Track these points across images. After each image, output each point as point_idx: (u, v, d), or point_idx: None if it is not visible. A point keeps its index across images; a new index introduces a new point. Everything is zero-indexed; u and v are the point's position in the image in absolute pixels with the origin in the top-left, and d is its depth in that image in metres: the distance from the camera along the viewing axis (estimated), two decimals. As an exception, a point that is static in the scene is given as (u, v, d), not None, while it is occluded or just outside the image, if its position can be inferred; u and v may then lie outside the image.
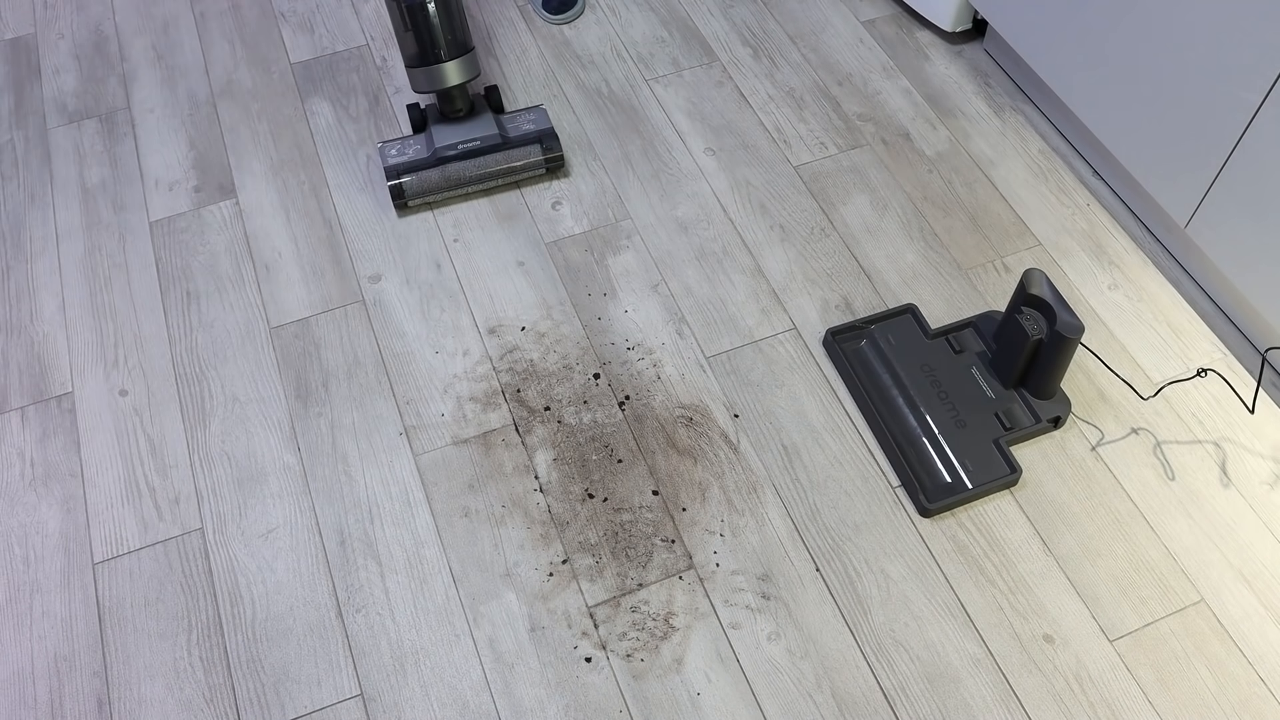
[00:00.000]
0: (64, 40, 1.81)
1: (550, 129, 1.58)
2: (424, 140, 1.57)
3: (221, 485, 1.29)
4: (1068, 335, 1.22)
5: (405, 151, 1.55)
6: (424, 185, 1.52)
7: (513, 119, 1.60)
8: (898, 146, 1.64)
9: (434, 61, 1.50)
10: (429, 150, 1.55)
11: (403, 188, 1.51)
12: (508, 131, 1.58)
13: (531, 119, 1.60)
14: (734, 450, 1.31)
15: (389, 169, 1.53)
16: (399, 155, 1.55)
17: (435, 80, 1.52)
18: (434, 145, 1.55)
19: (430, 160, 1.54)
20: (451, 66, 1.51)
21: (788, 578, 1.22)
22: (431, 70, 1.51)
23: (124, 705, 1.14)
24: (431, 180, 1.52)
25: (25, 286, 1.48)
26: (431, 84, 1.52)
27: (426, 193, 1.53)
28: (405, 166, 1.53)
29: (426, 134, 1.58)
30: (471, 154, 1.54)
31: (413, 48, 1.50)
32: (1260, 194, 1.27)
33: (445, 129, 1.57)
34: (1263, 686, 1.14)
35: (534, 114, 1.61)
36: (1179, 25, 1.30)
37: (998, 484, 1.26)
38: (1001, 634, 1.18)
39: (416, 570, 1.22)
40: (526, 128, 1.59)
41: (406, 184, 1.51)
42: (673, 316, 1.44)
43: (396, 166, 1.53)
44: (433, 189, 1.53)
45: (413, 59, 1.51)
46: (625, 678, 1.15)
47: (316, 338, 1.42)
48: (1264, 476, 1.29)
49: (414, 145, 1.56)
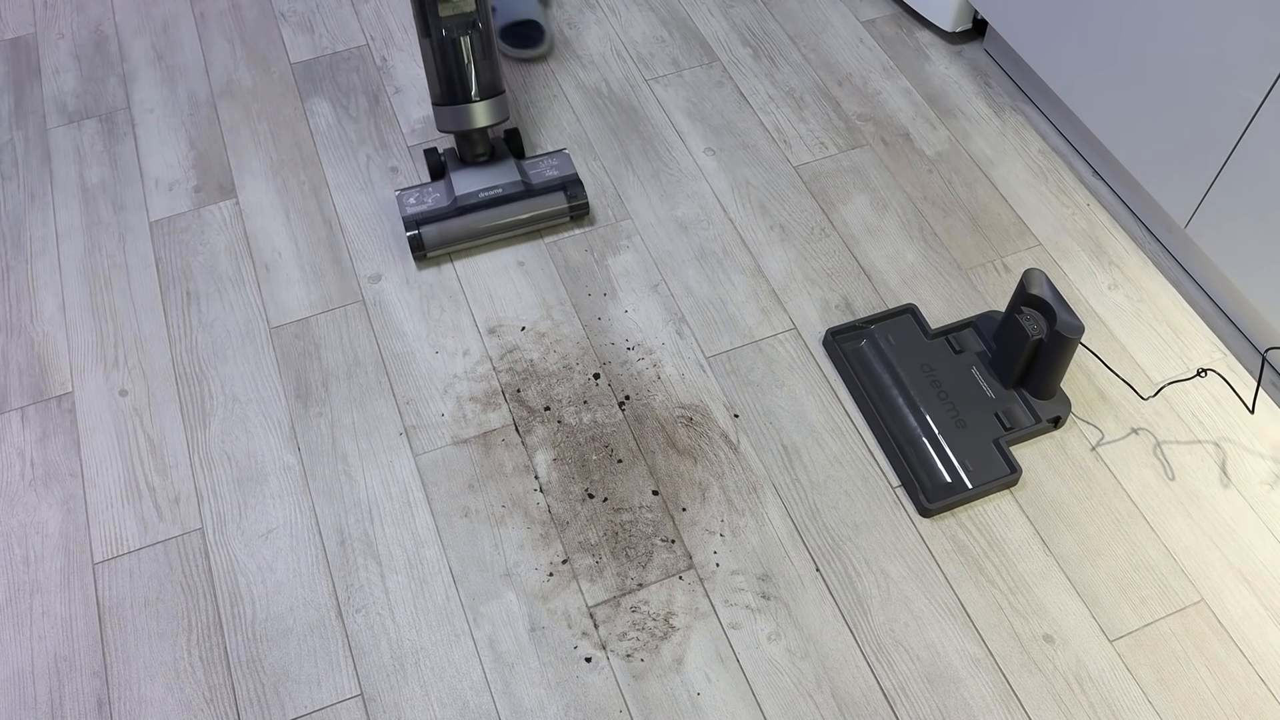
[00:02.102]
0: (64, 40, 1.81)
1: (574, 175, 1.52)
2: (443, 187, 1.51)
3: (221, 485, 1.29)
4: (1068, 335, 1.22)
5: (424, 200, 1.49)
6: (444, 236, 1.46)
7: (535, 164, 1.54)
8: (898, 146, 1.64)
9: (463, 101, 1.44)
10: (449, 198, 1.49)
11: (422, 239, 1.45)
12: (530, 178, 1.52)
13: (555, 164, 1.54)
14: (734, 450, 1.32)
15: (407, 219, 1.46)
16: (418, 204, 1.48)
17: (462, 121, 1.45)
18: (454, 193, 1.49)
19: (451, 209, 1.47)
20: (481, 108, 1.45)
21: (788, 578, 1.22)
22: (459, 110, 1.44)
23: (124, 705, 1.14)
24: (452, 231, 1.46)
25: (25, 286, 1.48)
26: (458, 124, 1.46)
27: (447, 244, 1.46)
28: (424, 216, 1.46)
29: (445, 180, 1.51)
30: (494, 202, 1.48)
31: (442, 85, 1.43)
32: (1260, 194, 1.27)
33: (466, 175, 1.50)
34: (1263, 686, 1.14)
35: (557, 159, 1.55)
36: (1179, 25, 1.30)
37: (998, 484, 1.26)
38: (1001, 634, 1.18)
39: (416, 570, 1.22)
40: (550, 174, 1.53)
41: (426, 234, 1.45)
42: (673, 316, 1.44)
43: (415, 216, 1.47)
44: (454, 239, 1.46)
45: (440, 97, 1.44)
46: (625, 678, 1.15)
47: (316, 338, 1.42)
48: (1264, 476, 1.29)
49: (433, 193, 1.50)
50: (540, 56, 1.76)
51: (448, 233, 1.46)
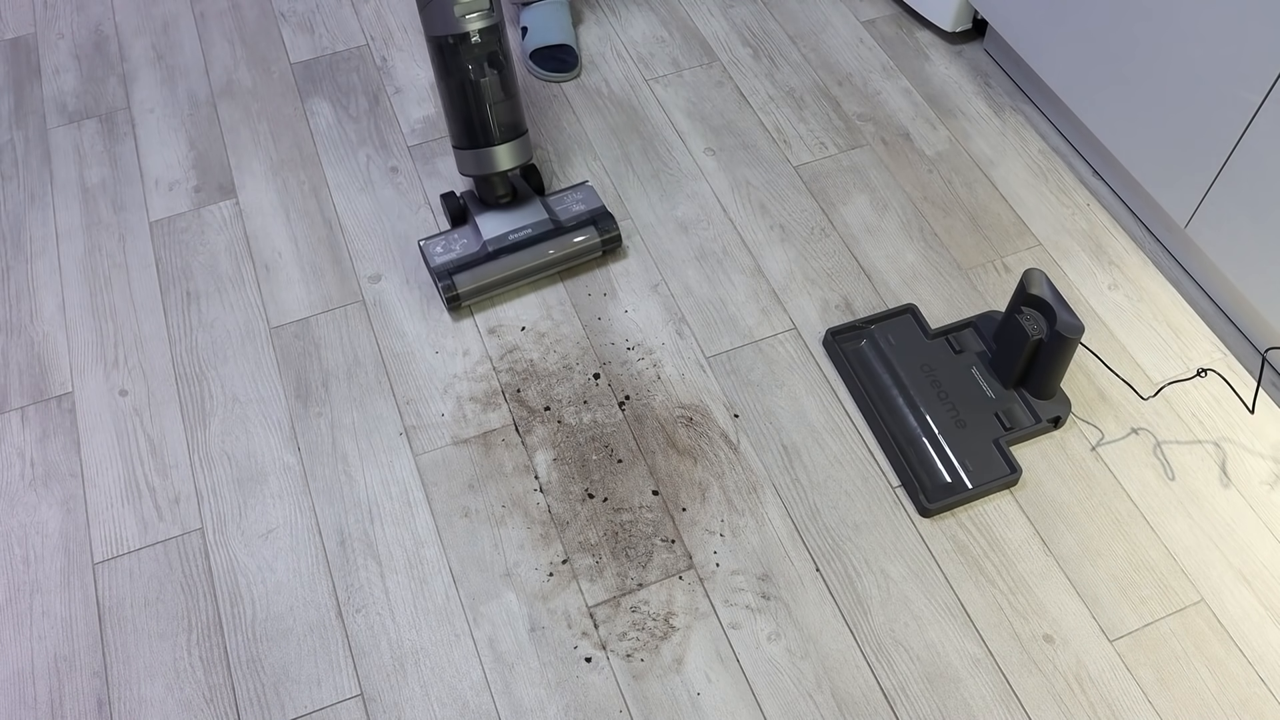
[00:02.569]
0: (64, 40, 1.81)
1: (603, 208, 1.48)
2: (469, 233, 1.45)
3: (221, 485, 1.29)
4: (1068, 335, 1.22)
5: (452, 247, 1.43)
6: (479, 282, 1.40)
7: (560, 200, 1.49)
8: (898, 146, 1.64)
9: (484, 144, 1.38)
10: (478, 244, 1.43)
11: (456, 289, 1.39)
12: (558, 215, 1.47)
13: (580, 198, 1.49)
14: (734, 450, 1.32)
15: (438, 270, 1.40)
16: (446, 253, 1.42)
17: (484, 165, 1.40)
18: (482, 238, 1.43)
19: (481, 255, 1.42)
20: (504, 151, 1.39)
21: (788, 578, 1.22)
22: (481, 154, 1.39)
23: (124, 705, 1.14)
24: (487, 276, 1.40)
25: (25, 286, 1.48)
26: (480, 168, 1.40)
27: (482, 291, 1.41)
28: (456, 264, 1.41)
29: (470, 225, 1.46)
30: (525, 244, 1.42)
31: (462, 128, 1.38)
32: (1260, 194, 1.27)
33: (491, 218, 1.45)
34: (1263, 686, 1.14)
35: (582, 192, 1.50)
36: (1179, 25, 1.30)
37: (998, 484, 1.26)
38: (1001, 634, 1.18)
39: (416, 570, 1.22)
40: (577, 209, 1.48)
41: (460, 283, 1.39)
42: (673, 316, 1.44)
43: (446, 266, 1.41)
44: (489, 286, 1.41)
45: (461, 139, 1.39)
46: (625, 678, 1.15)
47: (316, 338, 1.42)
48: (1264, 476, 1.29)
49: (460, 240, 1.44)
50: (571, 79, 1.75)
51: (482, 279, 1.40)
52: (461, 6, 1.29)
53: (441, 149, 1.63)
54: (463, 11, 1.29)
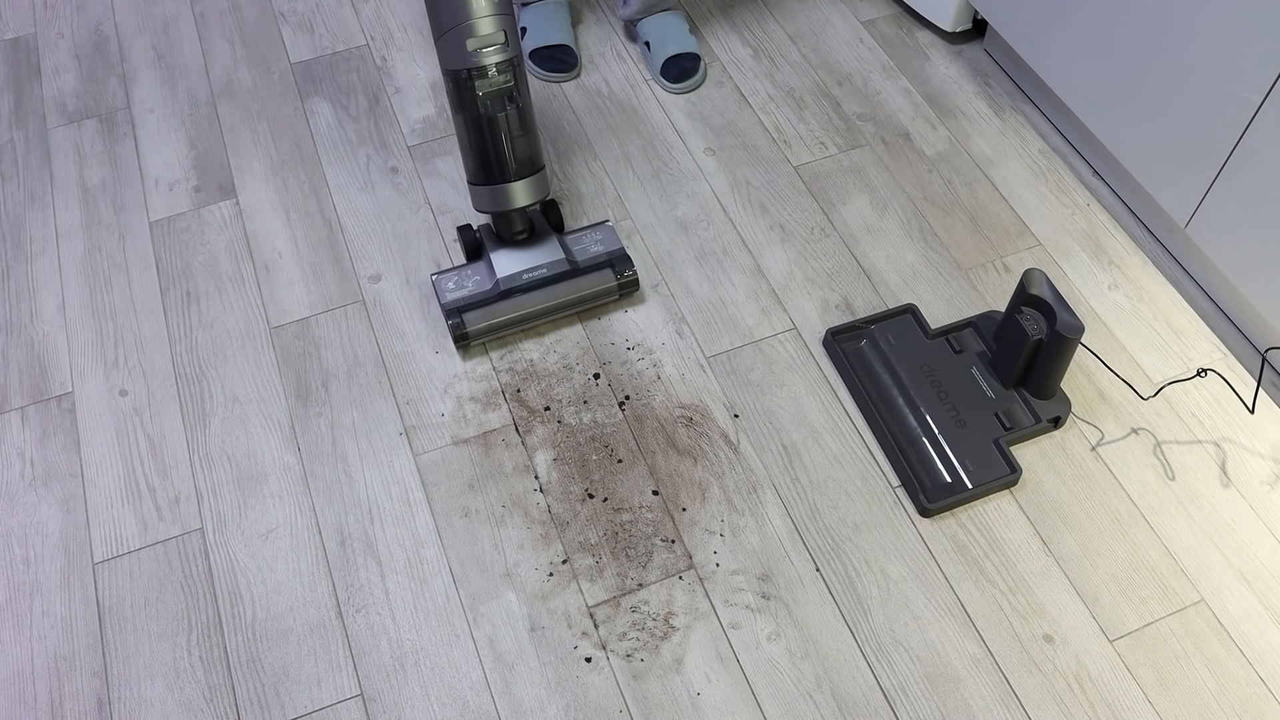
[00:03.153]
0: (64, 40, 1.81)
1: (621, 250, 1.43)
2: (483, 269, 1.41)
3: (221, 485, 1.29)
4: (1068, 335, 1.22)
5: (464, 284, 1.39)
6: (489, 322, 1.36)
7: (578, 239, 1.44)
8: (898, 146, 1.64)
9: (500, 181, 1.34)
10: (490, 281, 1.39)
11: (465, 326, 1.35)
12: (575, 255, 1.42)
13: (599, 238, 1.44)
14: (734, 450, 1.32)
15: (448, 306, 1.37)
16: (457, 289, 1.39)
17: (500, 202, 1.36)
18: (495, 276, 1.39)
19: (493, 294, 1.38)
20: (520, 187, 1.35)
21: (788, 578, 1.22)
22: (497, 190, 1.35)
23: (124, 705, 1.14)
24: (497, 316, 1.36)
25: (25, 286, 1.48)
26: (496, 205, 1.36)
27: (492, 330, 1.37)
28: (466, 302, 1.37)
29: (485, 261, 1.42)
30: (539, 284, 1.38)
31: (477, 163, 1.34)
32: (1260, 194, 1.27)
33: (506, 255, 1.40)
34: (1263, 686, 1.14)
35: (601, 232, 1.45)
36: (1179, 25, 1.30)
37: (998, 484, 1.26)
38: (1001, 634, 1.18)
39: (416, 570, 1.22)
40: (595, 249, 1.43)
41: (470, 321, 1.35)
42: (673, 316, 1.44)
43: (456, 303, 1.37)
44: (499, 326, 1.37)
45: (476, 175, 1.35)
46: (625, 678, 1.15)
47: (316, 338, 1.42)
48: (1264, 476, 1.29)
49: (473, 276, 1.40)
50: (571, 79, 1.74)
51: (492, 319, 1.36)
52: (477, 40, 1.25)
53: (441, 149, 1.63)
54: (478, 45, 1.25)
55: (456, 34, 1.25)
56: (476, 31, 1.24)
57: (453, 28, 1.25)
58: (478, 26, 1.24)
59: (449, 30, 1.25)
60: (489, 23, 1.25)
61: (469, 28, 1.24)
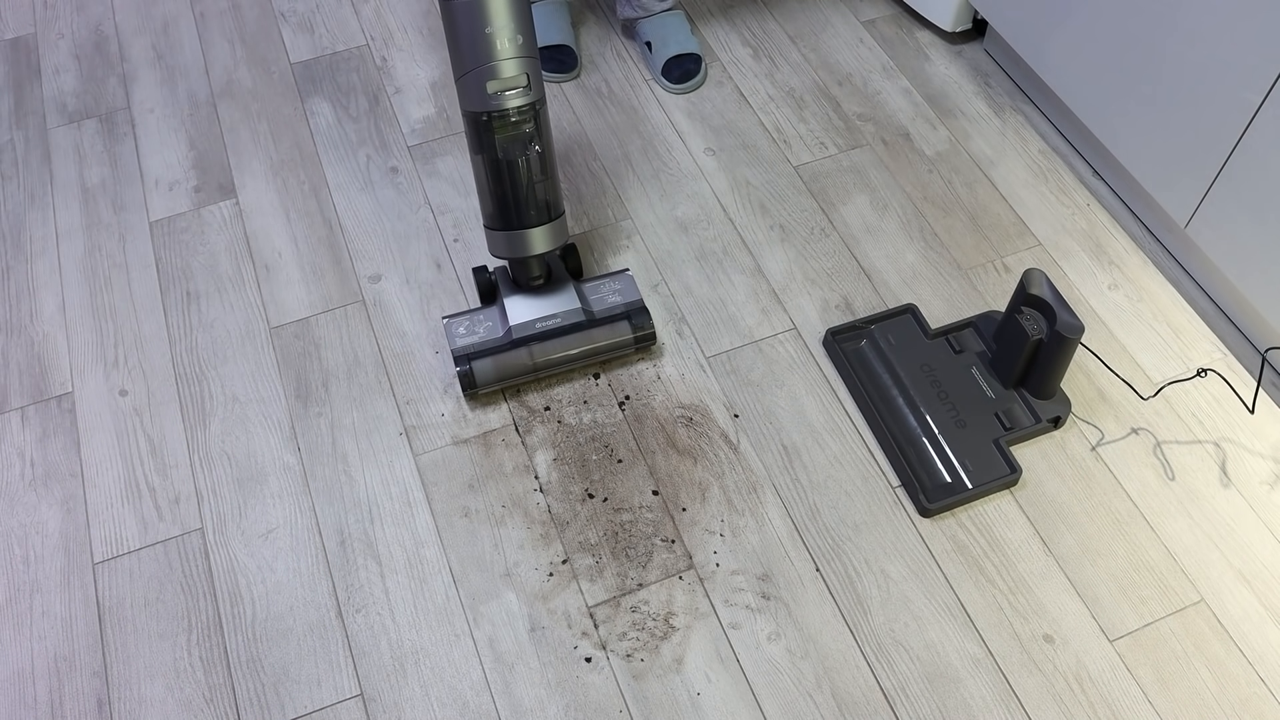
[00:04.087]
0: (64, 40, 1.81)
1: (639, 301, 1.39)
2: (495, 315, 1.37)
3: (221, 485, 1.29)
4: (1068, 335, 1.22)
5: (475, 329, 1.35)
6: (499, 372, 1.32)
7: (596, 288, 1.40)
8: (898, 146, 1.64)
9: (518, 226, 1.30)
10: (503, 329, 1.35)
11: (473, 374, 1.31)
12: (591, 305, 1.38)
13: (618, 288, 1.40)
14: (734, 450, 1.32)
15: (458, 353, 1.33)
16: (468, 335, 1.35)
17: (517, 248, 1.31)
18: (508, 323, 1.35)
19: (505, 343, 1.33)
20: (538, 233, 1.31)
21: (788, 578, 1.22)
22: (514, 236, 1.30)
23: (124, 705, 1.14)
24: (507, 366, 1.32)
25: (25, 286, 1.48)
26: (512, 251, 1.32)
27: (502, 380, 1.32)
28: (476, 349, 1.33)
29: (498, 306, 1.37)
30: (552, 334, 1.34)
31: (495, 208, 1.30)
32: (1260, 194, 1.27)
33: (520, 302, 1.36)
34: (1263, 686, 1.14)
35: (620, 281, 1.41)
36: (1179, 25, 1.30)
37: (998, 484, 1.26)
38: (1001, 634, 1.18)
39: (416, 570, 1.22)
40: (612, 300, 1.39)
41: (479, 370, 1.31)
42: (673, 316, 1.44)
43: (466, 349, 1.33)
44: (508, 375, 1.32)
45: (493, 220, 1.31)
46: (625, 678, 1.15)
47: (316, 338, 1.42)
48: (1264, 476, 1.29)
49: (484, 321, 1.36)
50: (571, 80, 1.74)
51: (503, 368, 1.32)
52: (499, 83, 1.20)
53: (441, 149, 1.63)
54: (500, 88, 1.20)
55: (478, 75, 1.20)
56: (499, 74, 1.19)
57: (474, 69, 1.19)
58: (500, 69, 1.19)
59: (470, 71, 1.20)
60: (512, 65, 1.19)
61: (491, 69, 1.19)
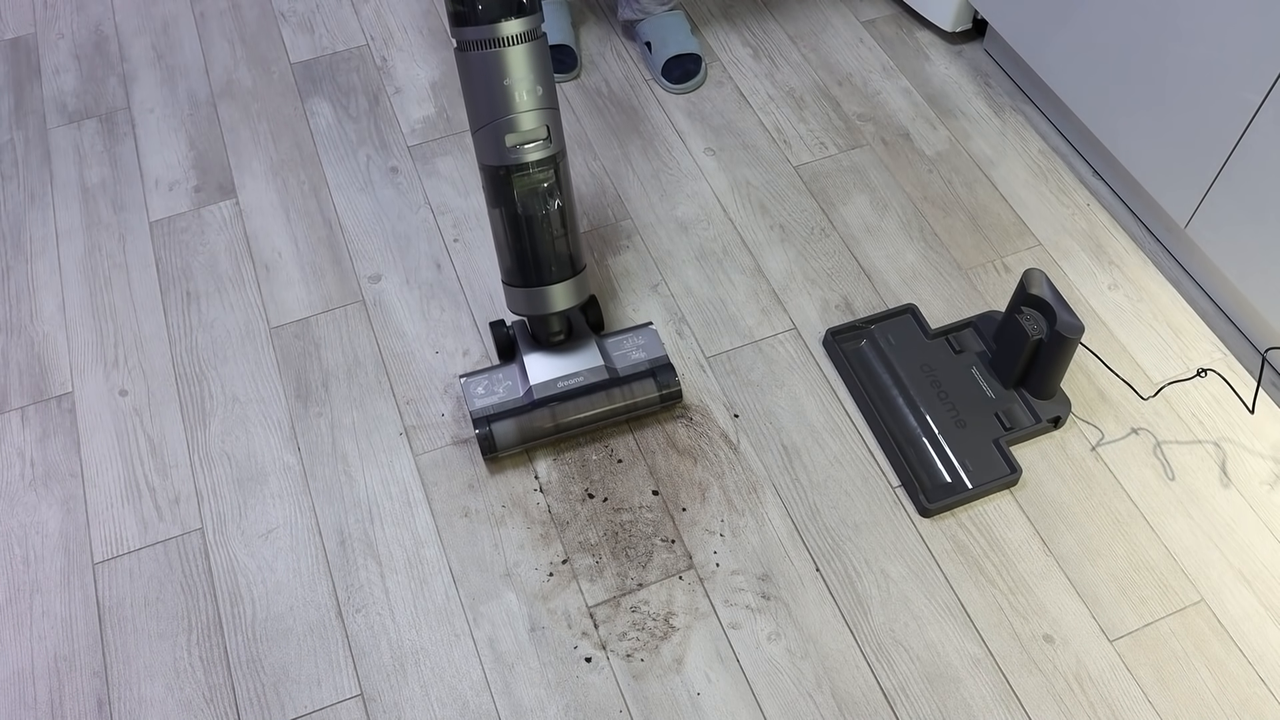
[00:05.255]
0: (64, 40, 1.81)
1: (664, 358, 1.33)
2: (515, 374, 1.31)
3: (221, 485, 1.29)
4: (1068, 335, 1.22)
5: (494, 389, 1.30)
6: (521, 434, 1.27)
7: (619, 344, 1.34)
8: (898, 146, 1.64)
9: (537, 284, 1.25)
10: (523, 388, 1.29)
11: (493, 438, 1.25)
12: (614, 362, 1.32)
13: (641, 343, 1.34)
14: (734, 450, 1.32)
15: (476, 414, 1.27)
16: (487, 395, 1.29)
17: (536, 305, 1.26)
18: (528, 383, 1.29)
19: (526, 404, 1.28)
20: (559, 290, 1.25)
21: (788, 578, 1.22)
22: (533, 293, 1.25)
23: (124, 705, 1.14)
24: (528, 428, 1.27)
25: (25, 286, 1.48)
26: (532, 309, 1.27)
27: (523, 442, 1.27)
28: (496, 411, 1.28)
29: (518, 364, 1.32)
30: (575, 394, 1.28)
31: (513, 264, 1.25)
32: (1260, 194, 1.27)
33: (540, 360, 1.30)
34: (1263, 686, 1.14)
35: (643, 336, 1.35)
36: (1179, 25, 1.30)
37: (998, 484, 1.26)
38: (1001, 634, 1.18)
39: (416, 570, 1.22)
40: (636, 356, 1.33)
41: (499, 433, 1.26)
42: (673, 316, 1.44)
43: (485, 411, 1.28)
44: (530, 437, 1.27)
45: (512, 276, 1.26)
46: (625, 678, 1.15)
47: (316, 338, 1.42)
48: (1264, 476, 1.29)
49: (504, 381, 1.31)
50: (570, 80, 1.74)
51: (524, 431, 1.27)
52: (517, 136, 1.15)
53: (441, 149, 1.63)
54: (518, 141, 1.16)
55: (495, 129, 1.15)
56: (518, 127, 1.15)
57: (491, 122, 1.15)
58: (519, 121, 1.15)
59: (487, 124, 1.15)
60: (531, 118, 1.15)
61: (510, 122, 1.15)
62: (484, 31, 1.11)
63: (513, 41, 1.11)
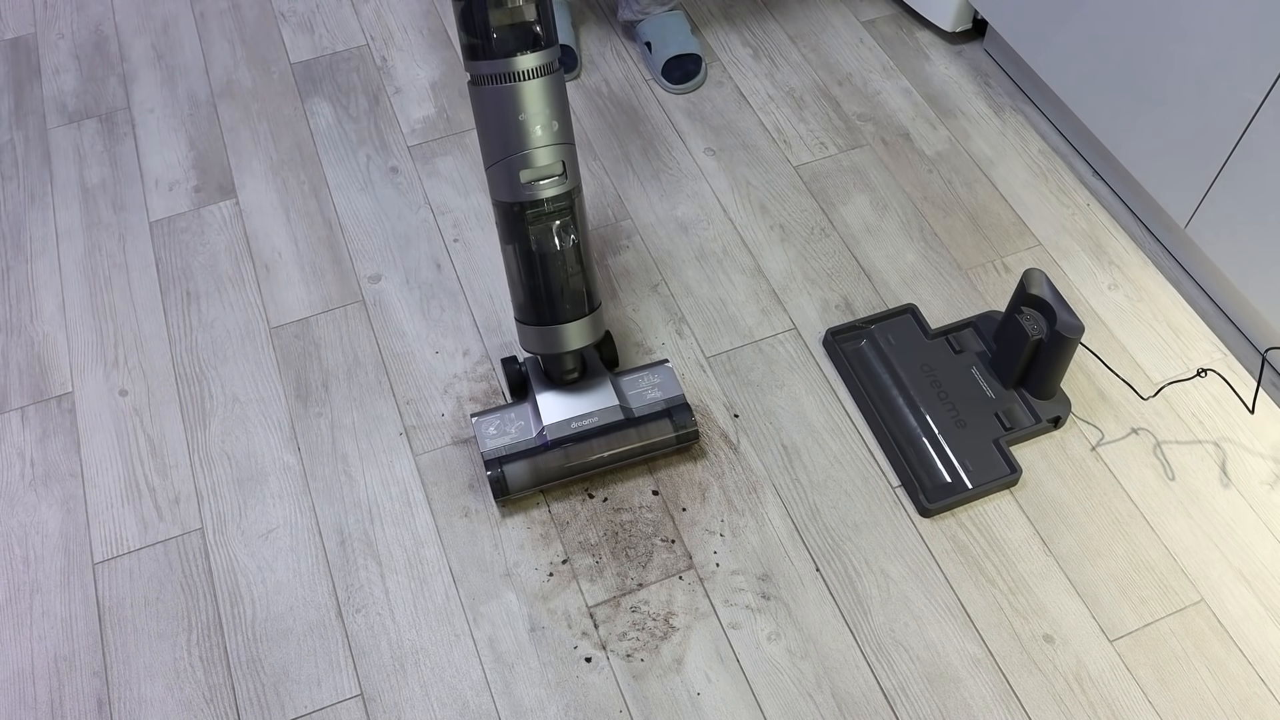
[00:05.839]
0: (64, 40, 1.81)
1: (680, 397, 1.29)
2: (527, 414, 1.28)
3: (221, 485, 1.29)
4: (1068, 335, 1.22)
5: (506, 429, 1.26)
6: (534, 476, 1.23)
7: (634, 383, 1.30)
8: (898, 146, 1.64)
9: (550, 322, 1.21)
10: (535, 429, 1.26)
11: (505, 481, 1.22)
12: (629, 402, 1.28)
13: (657, 381, 1.30)
14: (734, 450, 1.32)
15: (488, 456, 1.24)
16: (499, 435, 1.26)
17: (550, 344, 1.23)
18: (542, 423, 1.26)
19: (538, 445, 1.25)
20: (574, 329, 1.21)
21: (788, 578, 1.22)
22: (546, 331, 1.22)
23: (124, 705, 1.14)
24: (542, 470, 1.23)
25: (25, 286, 1.48)
26: (546, 347, 1.23)
27: (537, 483, 1.24)
28: (508, 453, 1.24)
29: (530, 404, 1.28)
30: (589, 435, 1.25)
31: (526, 301, 1.21)
32: (1260, 194, 1.27)
33: (553, 399, 1.27)
34: (1263, 686, 1.14)
35: (660, 375, 1.31)
36: (1180, 25, 1.30)
37: (998, 484, 1.26)
38: (1001, 634, 1.18)
39: (416, 570, 1.22)
40: (652, 395, 1.29)
41: (511, 475, 1.22)
42: (673, 316, 1.44)
43: (497, 452, 1.24)
44: (543, 480, 1.24)
45: (525, 313, 1.22)
46: (625, 678, 1.15)
47: (316, 338, 1.42)
48: (1264, 476, 1.29)
49: (516, 421, 1.27)
50: (571, 80, 1.74)
51: (538, 473, 1.23)
52: (532, 172, 1.13)
53: (441, 149, 1.63)
54: (533, 178, 1.13)
55: (509, 165, 1.12)
56: (533, 163, 1.12)
57: (505, 158, 1.12)
58: (534, 158, 1.12)
59: (501, 160, 1.13)
60: (547, 153, 1.12)
61: (525, 158, 1.12)
62: (498, 66, 1.08)
63: (528, 76, 1.08)
